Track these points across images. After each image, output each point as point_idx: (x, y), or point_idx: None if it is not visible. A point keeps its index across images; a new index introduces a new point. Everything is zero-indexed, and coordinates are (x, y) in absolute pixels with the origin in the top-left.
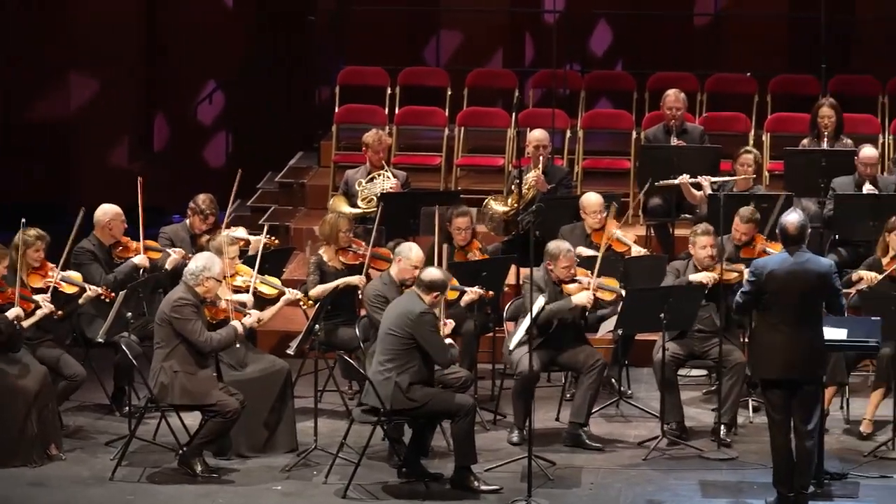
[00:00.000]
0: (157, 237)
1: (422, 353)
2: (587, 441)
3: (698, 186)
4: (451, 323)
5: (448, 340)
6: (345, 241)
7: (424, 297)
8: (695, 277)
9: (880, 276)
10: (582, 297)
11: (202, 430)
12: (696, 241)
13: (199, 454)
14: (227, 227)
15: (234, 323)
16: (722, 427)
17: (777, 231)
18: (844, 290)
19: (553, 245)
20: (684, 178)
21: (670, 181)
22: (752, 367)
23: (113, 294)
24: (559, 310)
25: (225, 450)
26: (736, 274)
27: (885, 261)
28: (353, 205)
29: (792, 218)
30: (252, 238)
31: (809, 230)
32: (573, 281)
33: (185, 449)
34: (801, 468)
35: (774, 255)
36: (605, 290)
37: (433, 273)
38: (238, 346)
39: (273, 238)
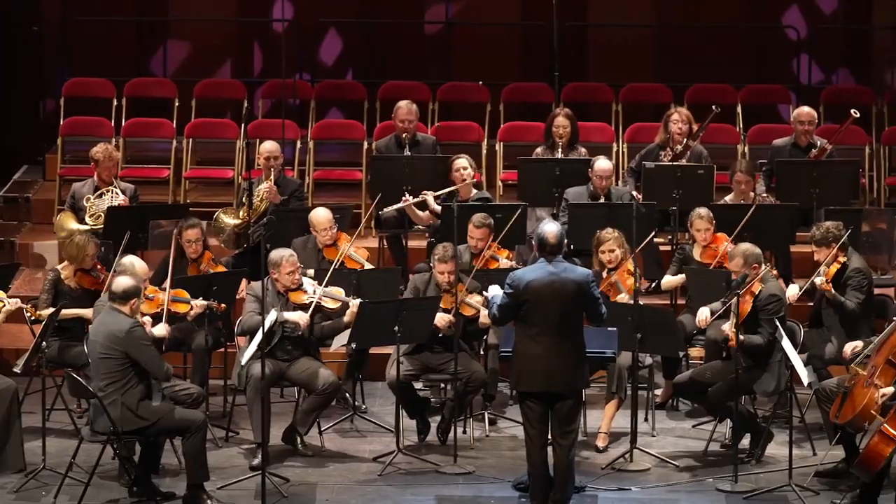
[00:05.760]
0: None
1: (139, 368)
2: (300, 447)
3: (423, 205)
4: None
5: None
6: (90, 264)
7: (124, 309)
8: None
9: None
10: (294, 316)
11: None
12: (435, 265)
13: None
14: None
15: None
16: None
17: (534, 241)
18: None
19: (275, 253)
20: (407, 201)
21: (394, 206)
22: (512, 378)
23: None
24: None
25: None
26: (473, 311)
27: (603, 275)
28: (81, 220)
29: (550, 228)
30: None
31: (566, 240)
32: (299, 288)
33: None
34: (559, 482)
35: (532, 265)
36: (330, 299)
37: (122, 282)
38: None
39: None
